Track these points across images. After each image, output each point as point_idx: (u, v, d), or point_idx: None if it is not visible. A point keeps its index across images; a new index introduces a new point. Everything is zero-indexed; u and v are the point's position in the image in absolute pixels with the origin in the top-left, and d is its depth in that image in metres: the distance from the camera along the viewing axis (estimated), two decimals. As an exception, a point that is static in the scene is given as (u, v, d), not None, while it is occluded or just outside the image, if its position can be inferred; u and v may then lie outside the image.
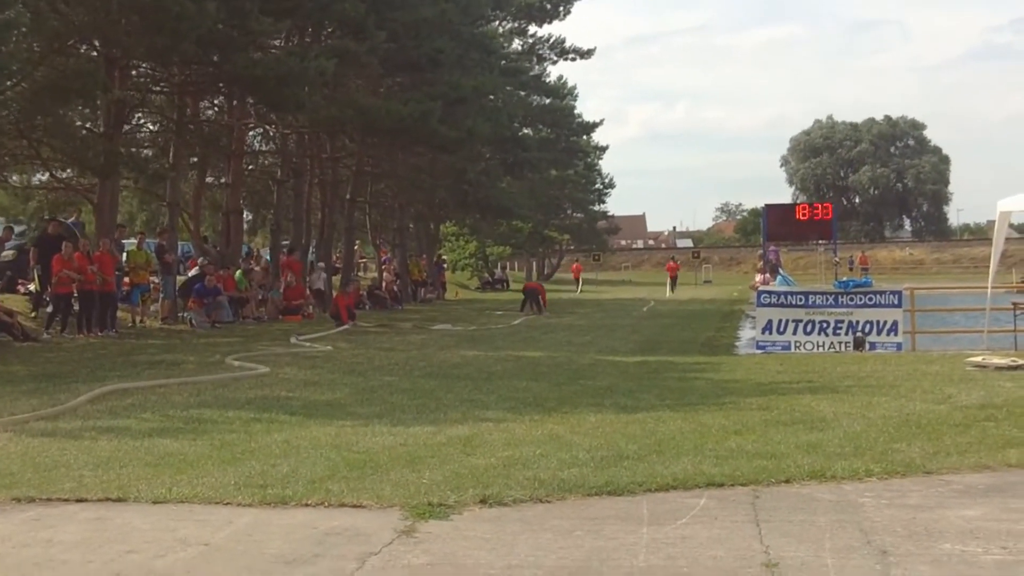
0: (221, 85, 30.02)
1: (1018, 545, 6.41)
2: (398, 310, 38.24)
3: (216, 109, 35.92)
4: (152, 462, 9.07)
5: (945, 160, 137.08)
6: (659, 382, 15.47)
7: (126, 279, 26.37)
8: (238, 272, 29.82)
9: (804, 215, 25.76)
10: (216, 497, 7.68)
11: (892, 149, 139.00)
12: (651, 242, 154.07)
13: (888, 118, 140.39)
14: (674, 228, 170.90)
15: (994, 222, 24.33)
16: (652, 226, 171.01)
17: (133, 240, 28.81)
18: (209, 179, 36.80)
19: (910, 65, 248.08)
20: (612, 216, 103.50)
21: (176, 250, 29.14)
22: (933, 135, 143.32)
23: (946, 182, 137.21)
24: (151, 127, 35.30)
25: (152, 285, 27.42)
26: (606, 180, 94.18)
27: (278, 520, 7.15)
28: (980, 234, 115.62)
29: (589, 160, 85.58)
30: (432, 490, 7.73)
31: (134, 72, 28.05)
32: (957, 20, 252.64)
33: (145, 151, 33.05)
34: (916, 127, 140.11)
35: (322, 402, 13.22)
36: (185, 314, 27.16)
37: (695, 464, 8.64)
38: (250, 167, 39.36)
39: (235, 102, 32.48)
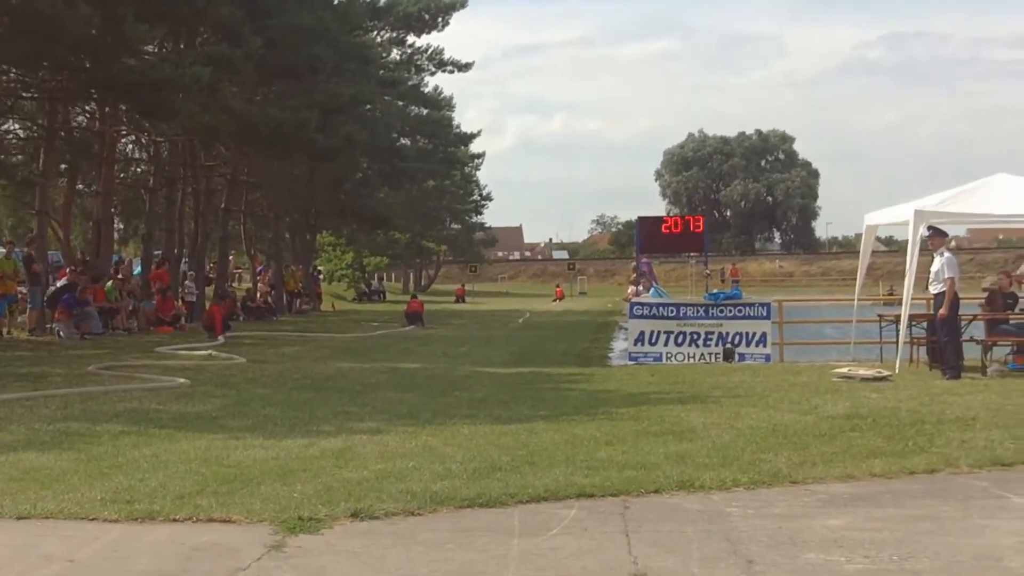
0: (93, 91, 29.44)
1: (880, 554, 6.55)
2: (273, 321, 37.82)
3: (87, 116, 35.24)
4: (17, 476, 8.85)
5: (814, 174, 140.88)
6: (533, 393, 15.53)
7: (-8, 289, 25.68)
8: (108, 282, 29.20)
9: (676, 228, 26.08)
10: (82, 512, 7.52)
11: (763, 163, 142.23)
12: (528, 253, 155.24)
13: (760, 132, 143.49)
14: (550, 240, 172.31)
15: (861, 235, 24.94)
16: (529, 238, 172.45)
17: (1, 249, 28.08)
18: (80, 187, 36.18)
19: (785, 80, 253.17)
20: (489, 227, 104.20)
21: (45, 259, 28.43)
22: (805, 148, 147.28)
23: (815, 196, 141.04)
24: (20, 133, 34.57)
25: (20, 295, 26.73)
26: (483, 191, 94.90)
27: (145, 536, 7.04)
28: (848, 247, 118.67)
29: (466, 171, 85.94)
30: (303, 504, 7.67)
31: (3, 77, 27.41)
32: (831, 36, 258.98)
33: (14, 158, 32.30)
34: (786, 140, 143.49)
35: (193, 415, 12.99)
36: (53, 325, 26.56)
37: (567, 475, 8.69)
38: (122, 175, 38.70)
39: (107, 109, 31.90)
